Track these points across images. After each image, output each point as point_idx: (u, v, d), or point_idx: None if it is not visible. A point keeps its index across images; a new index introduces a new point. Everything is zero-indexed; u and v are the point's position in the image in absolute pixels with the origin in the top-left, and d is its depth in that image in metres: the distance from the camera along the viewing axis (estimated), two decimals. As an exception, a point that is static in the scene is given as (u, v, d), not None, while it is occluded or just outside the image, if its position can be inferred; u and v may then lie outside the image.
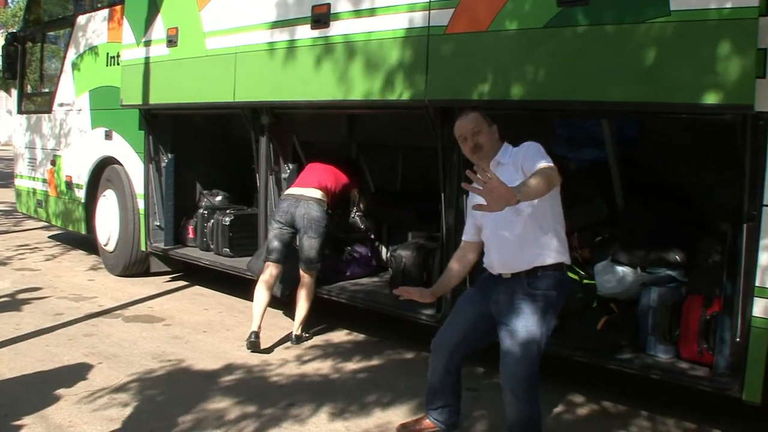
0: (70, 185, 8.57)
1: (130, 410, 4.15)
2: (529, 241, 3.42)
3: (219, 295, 7.06)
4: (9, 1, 27.12)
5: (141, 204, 7.41)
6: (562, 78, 4.01)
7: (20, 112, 10.12)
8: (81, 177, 8.30)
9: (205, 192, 7.50)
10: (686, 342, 4.06)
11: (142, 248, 7.49)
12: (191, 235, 7.30)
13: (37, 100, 9.87)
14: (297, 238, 5.48)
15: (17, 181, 10.29)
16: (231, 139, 7.24)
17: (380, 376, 4.88)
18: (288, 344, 5.47)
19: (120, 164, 7.71)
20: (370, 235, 6.57)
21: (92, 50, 7.97)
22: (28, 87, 10.17)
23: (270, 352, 5.28)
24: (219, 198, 7.41)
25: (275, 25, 5.50)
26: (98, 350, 5.20)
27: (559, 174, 3.25)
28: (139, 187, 7.41)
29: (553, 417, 4.25)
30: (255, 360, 5.09)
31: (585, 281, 4.66)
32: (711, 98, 3.47)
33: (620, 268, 4.53)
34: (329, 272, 5.87)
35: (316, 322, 5.82)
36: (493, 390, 4.51)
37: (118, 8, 7.45)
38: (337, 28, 5.06)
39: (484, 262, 3.67)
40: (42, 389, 4.39)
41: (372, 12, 4.85)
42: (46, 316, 6.06)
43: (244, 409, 4.21)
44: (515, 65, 4.20)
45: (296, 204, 5.40)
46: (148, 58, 6.79)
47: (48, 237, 10.50)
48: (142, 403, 4.27)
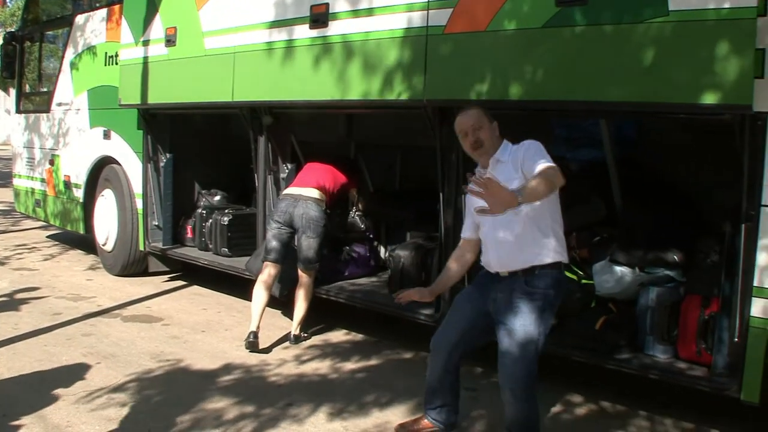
0: (68, 185, 8.56)
1: (128, 410, 4.15)
2: (528, 240, 3.41)
3: (217, 295, 7.06)
4: (7, 0, 27.09)
5: (139, 204, 7.40)
6: (561, 78, 4.01)
7: (19, 111, 10.11)
8: (79, 176, 8.30)
9: (203, 192, 7.49)
10: (684, 342, 4.06)
11: (141, 248, 7.48)
12: (190, 235, 7.29)
13: (35, 100, 9.87)
14: (295, 238, 5.48)
15: (15, 181, 10.28)
16: (229, 139, 7.24)
17: (379, 376, 4.88)
18: (286, 344, 5.47)
19: (118, 164, 7.70)
20: (368, 234, 6.57)
21: (91, 50, 7.96)
22: (27, 86, 10.17)
23: (268, 352, 5.28)
24: (217, 198, 7.40)
25: (274, 24, 5.49)
26: (96, 350, 5.20)
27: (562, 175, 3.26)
28: (137, 186, 7.41)
29: (551, 417, 4.25)
30: (253, 360, 5.09)
31: (583, 281, 4.66)
32: (709, 98, 3.47)
33: (618, 268, 4.53)
34: (328, 272, 5.87)
35: (314, 321, 5.82)
36: (492, 390, 4.52)
37: (116, 8, 7.44)
38: (336, 28, 5.06)
39: (481, 260, 3.68)
40: (40, 389, 4.38)
41: (370, 12, 4.85)
42: (45, 316, 6.06)
43: (243, 409, 4.21)
44: (514, 65, 4.20)
45: (294, 204, 5.40)
46: (146, 58, 6.78)
47: (46, 237, 10.49)
48: (140, 402, 4.27)
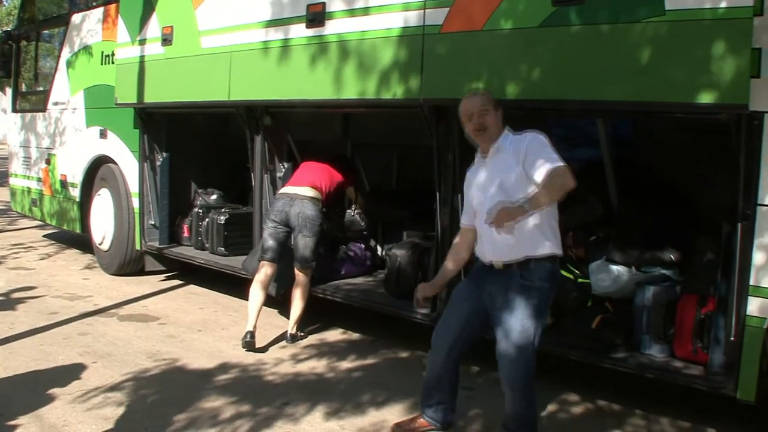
0: (64, 184, 8.55)
1: (124, 409, 4.14)
2: (523, 232, 3.41)
3: (214, 294, 7.05)
4: (4, -1, 27.08)
5: (136, 203, 7.39)
6: (557, 77, 4.01)
7: (15, 110, 10.09)
8: (76, 176, 8.28)
9: (200, 191, 7.48)
10: (681, 341, 4.06)
11: (137, 247, 7.47)
12: (186, 234, 7.28)
13: (31, 99, 9.85)
14: (292, 237, 5.47)
15: (12, 180, 10.26)
16: (226, 138, 7.23)
17: (375, 375, 4.88)
18: (283, 343, 5.46)
19: (115, 163, 7.69)
20: (365, 233, 6.57)
21: (87, 49, 7.96)
22: (23, 85, 10.16)
23: (265, 351, 5.27)
24: (214, 197, 7.39)
25: (270, 24, 5.49)
26: (93, 349, 5.19)
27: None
28: (134, 185, 7.40)
29: (548, 415, 4.25)
30: (250, 359, 5.09)
31: (580, 280, 4.67)
32: (706, 98, 3.48)
33: (615, 267, 4.53)
34: (324, 271, 5.86)
35: (311, 321, 5.81)
36: (489, 389, 4.53)
37: (113, 7, 7.43)
38: (333, 27, 5.05)
39: (476, 251, 3.69)
40: (36, 388, 4.38)
41: (367, 11, 4.85)
42: (41, 315, 6.05)
43: (239, 408, 4.21)
44: (510, 65, 4.20)
45: (291, 203, 5.40)
46: (143, 57, 6.77)
47: (43, 236, 10.47)
48: (136, 402, 4.26)
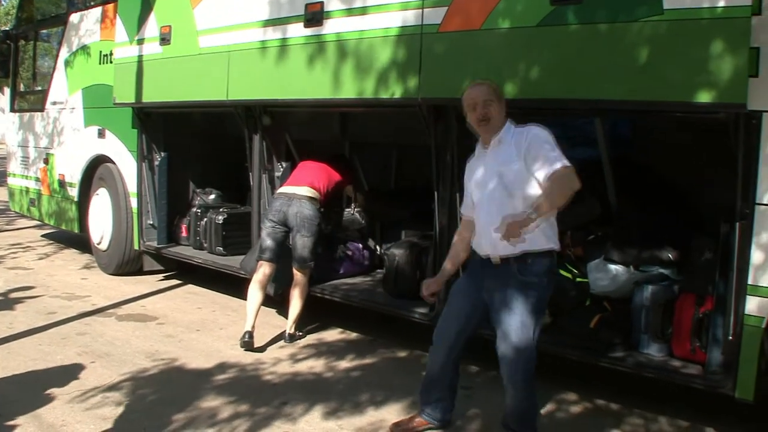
0: (63, 184, 8.54)
1: (122, 409, 4.14)
2: None
3: (212, 294, 7.05)
4: (2, -1, 27.05)
5: (134, 203, 7.38)
6: (555, 77, 4.01)
7: (13, 110, 10.08)
8: (74, 175, 8.27)
9: (198, 190, 7.48)
10: (679, 340, 4.07)
11: (135, 247, 7.46)
12: (184, 234, 7.28)
13: (29, 99, 9.85)
14: (290, 236, 5.47)
15: (10, 180, 10.25)
16: (224, 138, 7.22)
17: (374, 375, 4.88)
18: (281, 343, 5.46)
19: (113, 163, 7.68)
20: (364, 232, 6.56)
21: (85, 48, 7.95)
22: (21, 85, 10.14)
23: (263, 351, 5.27)
24: (212, 196, 7.39)
25: (269, 23, 5.48)
26: (91, 349, 5.19)
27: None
28: (132, 185, 7.39)
29: (546, 415, 4.24)
30: (248, 358, 5.08)
31: (578, 279, 4.67)
32: (704, 97, 3.48)
33: (613, 267, 4.53)
34: (323, 270, 5.86)
35: (309, 320, 5.81)
36: (487, 388, 4.54)
37: (111, 6, 7.42)
38: (331, 27, 5.05)
39: (472, 243, 3.69)
40: (35, 388, 4.37)
41: (365, 10, 4.84)
42: (39, 315, 6.04)
43: (237, 408, 4.20)
44: (508, 64, 4.20)
45: (289, 203, 5.39)
46: (141, 57, 6.76)
47: (41, 236, 10.46)
48: (134, 401, 4.26)
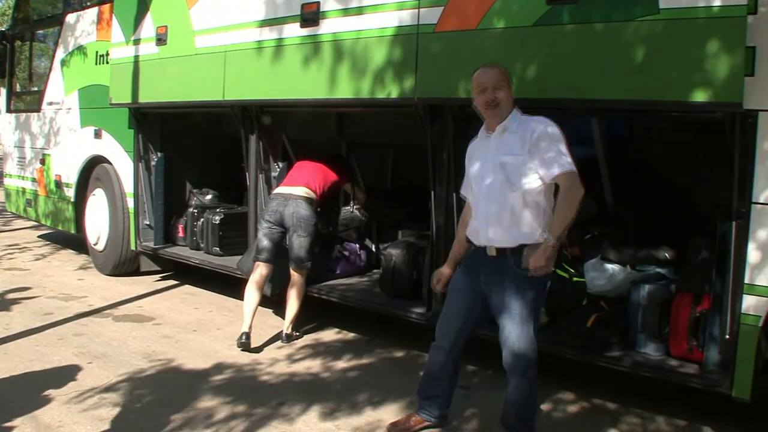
0: (59, 184, 8.53)
1: (119, 410, 4.13)
2: (520, 218, 3.44)
3: (209, 294, 7.04)
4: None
5: (131, 203, 7.37)
6: (552, 76, 4.01)
7: (9, 110, 10.07)
8: (70, 176, 8.27)
9: (195, 191, 7.46)
10: (676, 339, 4.07)
11: (132, 247, 7.46)
12: (181, 234, 7.27)
13: (26, 99, 9.83)
14: (287, 237, 5.46)
15: (6, 181, 10.24)
16: (221, 138, 7.21)
17: (371, 375, 4.87)
18: (278, 343, 5.45)
19: (109, 163, 7.68)
20: (362, 232, 6.56)
21: (81, 49, 7.94)
22: (17, 85, 10.13)
23: (260, 351, 5.26)
24: (209, 197, 7.38)
25: (265, 23, 5.48)
26: (88, 350, 5.18)
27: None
28: (128, 185, 7.38)
29: (543, 414, 4.24)
30: (245, 359, 5.08)
31: (575, 279, 4.67)
32: (700, 96, 3.48)
33: (610, 266, 4.52)
34: (319, 271, 5.85)
35: (306, 320, 5.81)
36: (485, 388, 4.54)
37: (107, 7, 7.41)
38: (327, 27, 5.04)
39: (468, 230, 3.70)
40: (32, 389, 4.36)
41: (361, 10, 4.84)
42: (36, 316, 6.03)
43: (234, 409, 4.20)
44: (505, 63, 4.15)
45: (285, 203, 5.39)
46: (137, 57, 6.75)
47: (37, 236, 10.46)
48: (131, 402, 4.26)
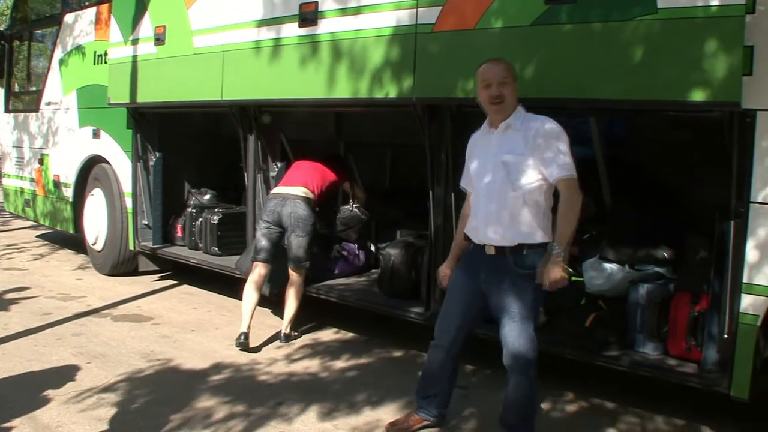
0: (57, 184, 8.53)
1: (118, 410, 4.13)
2: (520, 218, 3.45)
3: (207, 294, 7.04)
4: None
5: (129, 203, 7.37)
6: (550, 76, 4.01)
7: (7, 110, 10.06)
8: (69, 176, 8.26)
9: (193, 190, 7.46)
10: (674, 339, 4.07)
11: (131, 247, 7.46)
12: (180, 234, 7.26)
13: (24, 99, 9.83)
14: (285, 237, 5.46)
15: (5, 181, 10.25)
16: (219, 138, 7.21)
17: (369, 375, 4.87)
18: (277, 343, 5.45)
19: (108, 163, 7.67)
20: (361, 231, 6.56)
21: (80, 49, 7.93)
22: (16, 85, 10.12)
23: (259, 351, 5.26)
24: (207, 196, 7.37)
25: (263, 23, 5.47)
26: (86, 350, 5.17)
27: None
28: (127, 185, 7.38)
29: (542, 413, 4.24)
30: (243, 359, 5.08)
31: (573, 278, 4.65)
32: (698, 95, 3.48)
33: (608, 265, 4.52)
34: (318, 270, 5.85)
35: (305, 320, 5.81)
36: (483, 388, 4.54)
37: (105, 6, 7.40)
38: (325, 26, 5.04)
39: (466, 228, 3.70)
40: (30, 389, 4.36)
41: (359, 10, 4.83)
42: (34, 316, 6.03)
43: (233, 408, 4.20)
44: (503, 63, 4.19)
45: (283, 203, 5.39)
46: (135, 57, 6.75)
47: (36, 236, 10.45)
48: (130, 402, 4.25)
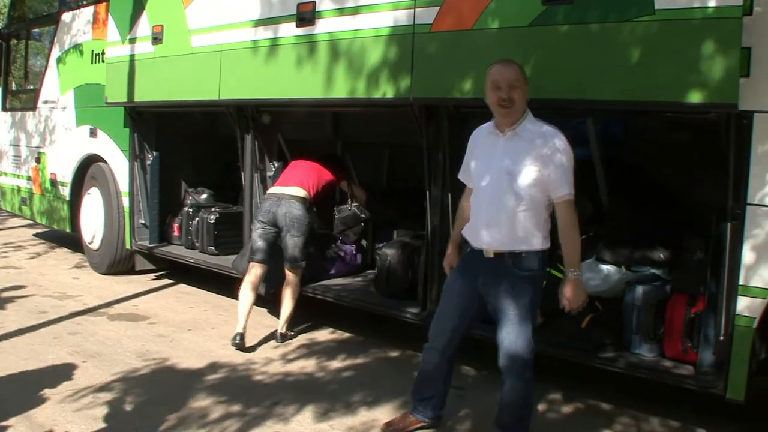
0: (54, 183, 8.51)
1: (114, 409, 4.13)
2: (520, 224, 3.44)
3: (204, 293, 7.04)
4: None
5: (126, 202, 7.36)
6: (547, 76, 4.00)
7: (4, 109, 10.05)
8: (66, 175, 8.25)
9: (190, 190, 7.45)
10: (670, 340, 4.07)
11: (127, 246, 7.44)
12: (176, 233, 7.26)
13: (21, 97, 9.82)
14: (281, 237, 5.46)
15: (1, 179, 10.21)
16: (216, 137, 7.21)
17: (365, 375, 4.87)
18: (273, 343, 5.45)
19: (105, 162, 7.66)
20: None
21: (77, 47, 7.93)
22: (13, 84, 10.11)
23: (255, 351, 5.26)
24: (204, 196, 7.36)
25: (260, 22, 5.47)
26: (83, 349, 5.17)
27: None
28: (124, 184, 7.37)
29: (537, 414, 4.24)
30: (240, 358, 5.07)
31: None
32: (696, 97, 3.48)
33: (605, 267, 4.54)
34: (314, 270, 5.84)
35: (301, 320, 5.80)
36: (479, 388, 4.54)
37: (103, 5, 7.40)
38: (323, 26, 5.04)
39: (464, 231, 3.70)
40: (26, 388, 4.35)
41: (357, 10, 4.83)
42: (31, 315, 6.02)
43: (229, 408, 4.19)
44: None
45: (278, 203, 5.38)
46: (133, 56, 6.74)
47: (32, 235, 10.44)
48: (126, 401, 4.25)
